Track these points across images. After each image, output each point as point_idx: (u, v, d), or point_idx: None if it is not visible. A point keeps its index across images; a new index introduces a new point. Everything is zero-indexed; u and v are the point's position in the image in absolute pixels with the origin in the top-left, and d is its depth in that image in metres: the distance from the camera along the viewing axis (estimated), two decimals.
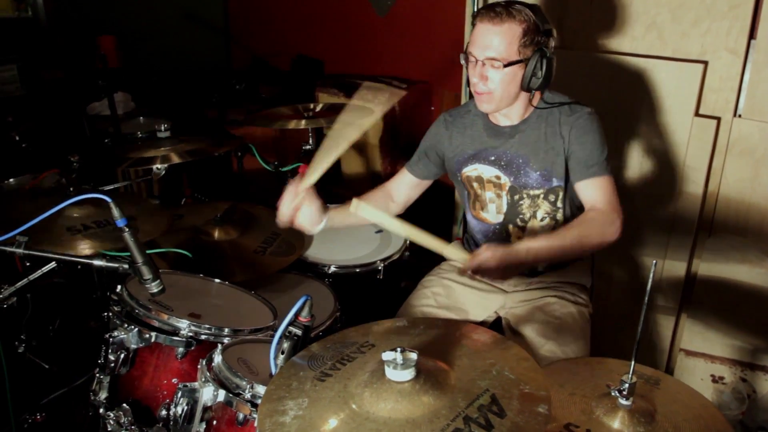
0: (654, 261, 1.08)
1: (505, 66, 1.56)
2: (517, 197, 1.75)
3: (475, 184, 1.81)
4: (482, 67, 1.59)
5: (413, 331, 1.27)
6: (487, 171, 1.76)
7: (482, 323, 1.83)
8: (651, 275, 1.07)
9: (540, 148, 1.68)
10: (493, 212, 1.81)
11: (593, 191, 1.64)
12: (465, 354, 1.16)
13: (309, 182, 1.60)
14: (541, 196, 1.72)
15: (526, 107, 1.70)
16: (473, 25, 1.62)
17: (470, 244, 1.96)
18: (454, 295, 1.86)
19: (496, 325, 1.82)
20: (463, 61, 1.64)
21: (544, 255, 1.56)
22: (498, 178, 1.75)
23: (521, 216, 1.76)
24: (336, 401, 1.04)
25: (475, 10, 2.25)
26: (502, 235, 1.81)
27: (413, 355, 1.04)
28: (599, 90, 2.29)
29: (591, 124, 1.65)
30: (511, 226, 1.79)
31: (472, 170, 1.79)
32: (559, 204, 1.73)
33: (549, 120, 1.68)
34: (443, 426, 0.96)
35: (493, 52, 1.56)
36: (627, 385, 1.11)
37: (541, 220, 1.75)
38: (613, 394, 1.13)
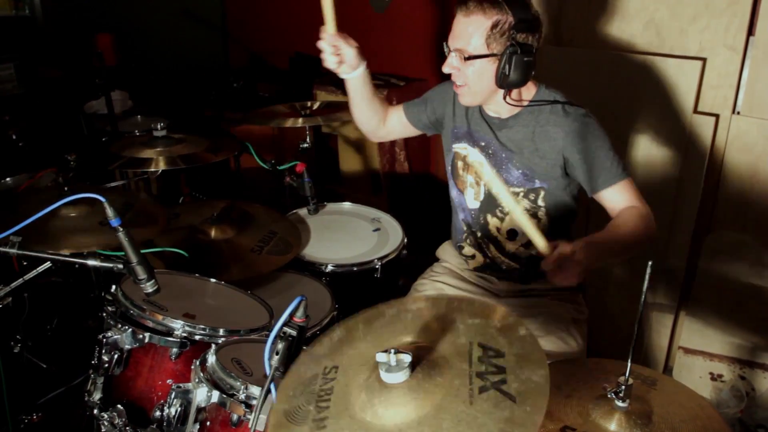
0: (650, 262, 1.06)
1: (466, 59, 1.55)
2: None
3: (460, 164, 1.80)
4: (453, 58, 1.60)
5: (356, 335, 1.19)
6: (473, 154, 1.74)
7: None
8: (646, 277, 1.05)
9: (525, 148, 1.65)
10: (470, 197, 1.80)
11: (615, 199, 1.57)
12: (419, 328, 1.13)
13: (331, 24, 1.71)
14: (521, 194, 1.69)
15: (515, 102, 1.65)
16: None
17: (456, 231, 1.92)
18: None
19: None
20: (445, 50, 1.63)
21: (605, 255, 1.46)
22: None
23: (500, 208, 1.74)
24: (364, 427, 0.97)
25: None
26: (479, 221, 1.80)
27: (407, 357, 1.03)
28: (597, 87, 2.28)
29: (586, 127, 1.58)
30: (489, 215, 1.77)
31: (462, 148, 1.79)
32: (540, 203, 1.70)
33: (539, 119, 1.63)
34: (469, 392, 0.95)
35: (460, 43, 1.56)
36: (623, 387, 1.10)
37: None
38: (609, 396, 1.12)
